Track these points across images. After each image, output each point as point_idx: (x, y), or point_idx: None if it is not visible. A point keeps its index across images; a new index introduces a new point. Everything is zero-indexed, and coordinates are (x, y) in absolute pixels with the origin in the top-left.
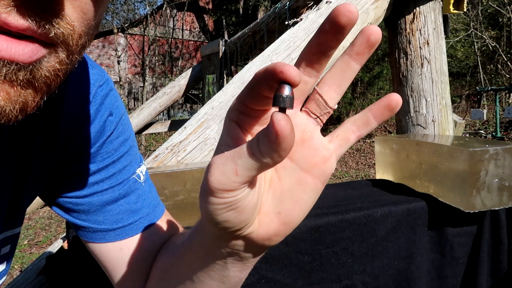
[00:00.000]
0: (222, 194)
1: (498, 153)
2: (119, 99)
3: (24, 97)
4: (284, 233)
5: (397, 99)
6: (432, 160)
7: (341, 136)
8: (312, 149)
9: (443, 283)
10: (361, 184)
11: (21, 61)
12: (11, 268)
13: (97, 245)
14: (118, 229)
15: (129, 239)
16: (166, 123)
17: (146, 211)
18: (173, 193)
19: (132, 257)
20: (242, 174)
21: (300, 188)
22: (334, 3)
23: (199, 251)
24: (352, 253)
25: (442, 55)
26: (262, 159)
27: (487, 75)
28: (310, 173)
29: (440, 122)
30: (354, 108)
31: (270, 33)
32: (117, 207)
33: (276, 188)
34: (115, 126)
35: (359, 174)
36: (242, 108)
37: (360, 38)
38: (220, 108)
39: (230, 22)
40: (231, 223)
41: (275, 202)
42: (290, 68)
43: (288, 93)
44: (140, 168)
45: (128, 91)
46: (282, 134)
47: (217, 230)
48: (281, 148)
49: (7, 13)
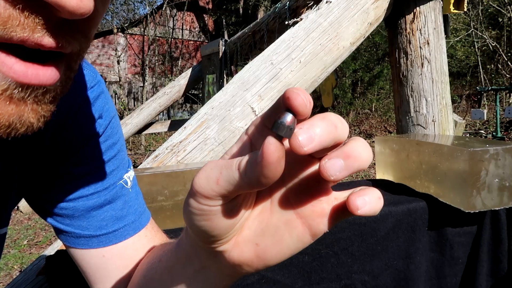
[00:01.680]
0: (200, 199)
1: (499, 153)
2: (110, 101)
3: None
4: (256, 267)
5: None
6: (432, 160)
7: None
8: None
9: (442, 283)
10: (361, 184)
11: (48, 85)
12: (11, 268)
13: (79, 251)
14: (102, 236)
15: (112, 246)
16: (166, 123)
17: (132, 218)
18: (173, 193)
19: (115, 264)
20: (221, 184)
21: (286, 229)
22: (334, 2)
23: (181, 257)
24: (352, 253)
25: (442, 55)
26: (243, 177)
27: (487, 75)
28: (302, 220)
29: (440, 122)
30: (354, 108)
31: (270, 33)
32: (102, 213)
33: (263, 219)
34: (104, 129)
35: (359, 174)
36: (259, 125)
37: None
38: (220, 108)
39: (230, 22)
40: (204, 230)
41: (257, 232)
42: (298, 97)
43: (288, 121)
44: (128, 173)
45: (128, 91)
46: (268, 160)
47: (194, 235)
48: (263, 174)
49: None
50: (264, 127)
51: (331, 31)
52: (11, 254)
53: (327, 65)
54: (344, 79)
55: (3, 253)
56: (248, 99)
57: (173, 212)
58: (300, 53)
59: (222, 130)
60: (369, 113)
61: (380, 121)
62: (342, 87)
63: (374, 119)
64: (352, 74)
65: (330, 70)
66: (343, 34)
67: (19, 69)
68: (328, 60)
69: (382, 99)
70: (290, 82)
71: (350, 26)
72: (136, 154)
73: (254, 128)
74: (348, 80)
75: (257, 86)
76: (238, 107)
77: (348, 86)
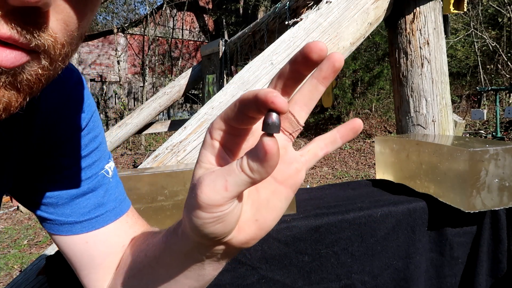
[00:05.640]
0: (212, 209)
1: (498, 153)
2: (90, 97)
3: (7, 98)
4: (260, 236)
5: (359, 123)
6: (432, 160)
7: (311, 151)
8: (286, 163)
9: (441, 283)
10: (361, 184)
11: (3, 66)
12: (11, 268)
13: (63, 238)
14: (85, 222)
15: (95, 232)
16: (166, 123)
17: (113, 205)
18: (173, 193)
19: (98, 250)
20: (231, 189)
21: (275, 197)
22: (334, 3)
23: (177, 254)
24: (352, 253)
25: (442, 55)
26: (251, 175)
27: (487, 75)
28: (284, 184)
29: (440, 122)
30: (354, 108)
31: (270, 33)
32: (85, 201)
33: (254, 198)
34: (87, 123)
35: (359, 174)
36: (227, 128)
37: (326, 64)
38: (220, 108)
39: (230, 22)
40: (216, 234)
41: (253, 211)
42: (280, 99)
43: (276, 120)
44: (109, 164)
45: (128, 91)
46: (270, 153)
47: (201, 239)
48: (269, 165)
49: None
50: (231, 127)
51: (331, 31)
52: (11, 254)
53: None
54: (344, 79)
55: (3, 253)
56: None
57: (173, 212)
58: None
59: None
60: (369, 113)
61: (380, 121)
62: (342, 87)
63: (374, 119)
64: (352, 74)
65: None
66: (343, 34)
67: None
68: None
69: (382, 99)
70: None
71: (350, 26)
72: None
73: (219, 131)
74: (348, 80)
75: (257, 86)
76: None
77: (348, 86)
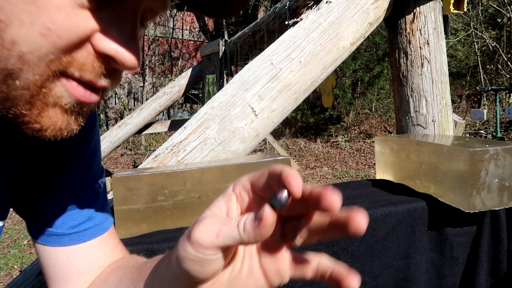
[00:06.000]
0: (198, 248)
1: (498, 153)
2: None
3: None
4: None
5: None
6: (432, 160)
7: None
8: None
9: (441, 283)
10: (361, 184)
11: (93, 103)
12: (11, 268)
13: (47, 248)
14: (73, 234)
15: (79, 247)
16: (166, 123)
17: (100, 219)
18: (173, 193)
19: (77, 267)
20: (221, 238)
21: (252, 280)
22: (334, 3)
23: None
24: (352, 253)
25: (442, 55)
26: (241, 234)
27: (487, 75)
28: (265, 275)
29: (440, 122)
30: (354, 108)
31: (270, 33)
32: (78, 213)
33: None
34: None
35: (359, 174)
36: (247, 188)
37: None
38: (220, 108)
39: (230, 22)
40: (192, 274)
41: (230, 278)
42: (297, 183)
43: (284, 198)
44: (102, 179)
45: (128, 91)
46: (265, 223)
47: (179, 273)
48: (259, 233)
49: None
50: (252, 191)
51: (331, 31)
52: (11, 254)
53: (327, 65)
54: (344, 79)
55: (3, 253)
56: (248, 99)
57: (173, 212)
58: (300, 53)
59: (222, 130)
60: (369, 113)
61: (380, 121)
62: (342, 87)
63: (374, 119)
64: (352, 74)
65: (330, 70)
66: (343, 34)
67: (81, 91)
68: (328, 60)
69: (382, 99)
70: (290, 82)
71: (350, 26)
72: (136, 154)
73: (241, 188)
74: (348, 80)
75: (257, 86)
76: (238, 107)
77: (348, 86)
